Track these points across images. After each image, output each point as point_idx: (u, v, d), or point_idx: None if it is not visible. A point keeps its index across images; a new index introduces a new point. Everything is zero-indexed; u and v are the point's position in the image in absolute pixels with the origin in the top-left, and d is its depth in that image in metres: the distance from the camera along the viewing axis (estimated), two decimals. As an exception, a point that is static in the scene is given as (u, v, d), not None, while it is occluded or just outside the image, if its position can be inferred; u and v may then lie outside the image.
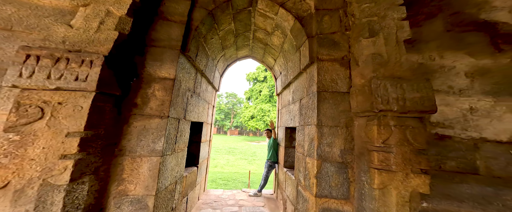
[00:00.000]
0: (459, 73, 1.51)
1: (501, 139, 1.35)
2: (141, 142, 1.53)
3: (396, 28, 1.60)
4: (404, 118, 1.35)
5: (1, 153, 0.98)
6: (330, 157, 1.73)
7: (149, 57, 1.73)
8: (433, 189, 1.41)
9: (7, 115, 1.00)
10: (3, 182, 0.97)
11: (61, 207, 1.07)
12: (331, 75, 1.88)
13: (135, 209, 1.50)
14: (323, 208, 1.71)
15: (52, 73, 1.09)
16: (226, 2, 2.28)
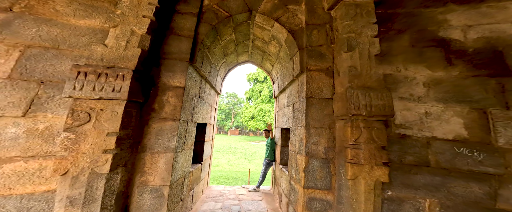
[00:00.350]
0: (419, 83, 1.85)
1: (447, 138, 1.69)
2: (158, 140, 1.89)
3: (369, 44, 1.94)
4: (371, 121, 1.69)
5: (62, 148, 1.35)
6: (316, 154, 2.08)
7: (163, 68, 2.09)
8: (395, 179, 1.75)
9: (65, 118, 1.36)
10: (64, 170, 1.33)
11: (102, 191, 1.43)
12: (317, 84, 2.22)
13: (154, 197, 1.86)
14: (309, 197, 2.05)
15: (96, 86, 1.45)
16: (227, 17, 2.62)
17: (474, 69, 1.77)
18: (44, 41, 1.63)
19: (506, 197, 1.51)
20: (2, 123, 1.40)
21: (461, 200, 1.59)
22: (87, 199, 1.39)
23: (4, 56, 1.49)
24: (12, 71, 1.48)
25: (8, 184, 1.36)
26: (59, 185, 1.35)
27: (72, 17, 1.81)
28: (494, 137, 1.60)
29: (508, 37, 1.77)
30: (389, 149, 1.80)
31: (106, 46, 1.65)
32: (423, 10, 2.13)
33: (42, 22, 1.67)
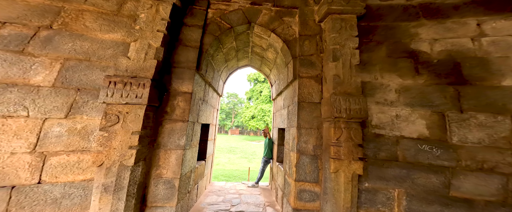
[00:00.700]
0: (392, 90, 2.20)
1: (413, 136, 2.04)
2: (170, 139, 2.25)
3: (351, 55, 2.29)
4: (350, 122, 2.04)
5: (98, 144, 1.70)
6: (306, 151, 2.43)
7: (174, 76, 2.44)
8: (371, 172, 2.10)
9: (100, 120, 1.71)
10: (100, 162, 1.69)
11: (128, 181, 1.79)
12: (308, 89, 2.57)
13: (166, 188, 2.21)
14: (300, 189, 2.40)
15: (123, 93, 1.81)
16: (229, 28, 2.97)
17: (436, 78, 2.11)
18: (78, 54, 1.99)
19: (457, 186, 1.86)
20: (49, 124, 1.76)
21: (422, 189, 1.94)
22: (117, 187, 1.75)
23: (48, 68, 1.85)
24: (55, 80, 1.84)
25: (55, 173, 1.72)
26: (96, 175, 1.71)
27: (99, 32, 2.17)
28: (450, 135, 1.95)
29: (465, 50, 2.11)
30: (366, 146, 2.16)
31: (129, 59, 2.01)
32: (399, 24, 2.48)
33: (76, 38, 2.03)
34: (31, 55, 1.82)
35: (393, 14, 2.56)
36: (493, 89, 1.95)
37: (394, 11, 2.59)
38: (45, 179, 1.68)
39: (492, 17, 2.13)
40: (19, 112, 1.68)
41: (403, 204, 2.03)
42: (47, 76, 1.81)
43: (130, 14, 2.41)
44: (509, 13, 2.08)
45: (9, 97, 1.68)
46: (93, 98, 1.92)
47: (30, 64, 1.80)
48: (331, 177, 2.11)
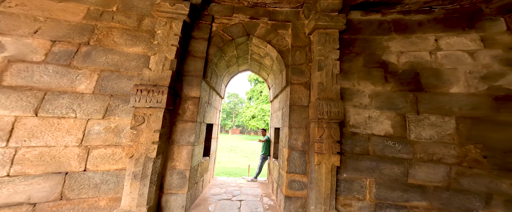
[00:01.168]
0: (366, 95, 2.69)
1: (381, 134, 2.53)
2: (182, 136, 2.75)
3: (333, 65, 2.77)
4: (330, 123, 2.54)
5: (130, 140, 2.21)
6: (296, 147, 2.91)
7: (185, 83, 2.93)
8: (349, 165, 2.60)
9: (129, 120, 2.22)
10: (131, 154, 2.20)
11: (151, 170, 2.30)
12: (298, 95, 3.06)
13: (179, 178, 2.71)
14: (290, 180, 2.89)
15: (147, 99, 2.32)
16: (230, 40, 3.45)
17: (400, 85, 2.60)
18: (110, 66, 2.51)
19: (413, 175, 2.35)
20: (91, 123, 2.27)
21: (388, 178, 2.43)
22: (143, 175, 2.26)
23: (89, 78, 2.36)
24: (94, 88, 2.35)
25: (96, 163, 2.24)
26: (128, 165, 2.22)
27: (124, 46, 2.68)
28: (408, 133, 2.44)
29: (424, 62, 2.60)
30: (345, 143, 2.65)
31: (150, 70, 2.51)
32: (375, 37, 2.96)
33: (108, 52, 2.54)
34: (76, 68, 2.33)
35: (371, 28, 3.05)
36: (443, 95, 2.44)
37: (372, 25, 3.08)
38: (89, 167, 2.19)
39: (447, 34, 2.61)
40: (69, 114, 2.19)
41: (373, 191, 2.53)
42: (88, 85, 2.32)
43: (148, 29, 2.92)
44: (461, 30, 2.56)
45: (61, 102, 2.19)
46: (122, 102, 2.43)
47: (75, 75, 2.31)
48: (315, 169, 2.60)
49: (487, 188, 2.14)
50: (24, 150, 1.98)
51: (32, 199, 1.95)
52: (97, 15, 2.70)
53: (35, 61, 2.21)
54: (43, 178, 2.00)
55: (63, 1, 2.58)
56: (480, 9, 2.56)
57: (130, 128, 2.24)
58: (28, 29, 2.29)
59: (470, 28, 2.58)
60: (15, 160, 1.94)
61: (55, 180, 2.04)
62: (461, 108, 2.34)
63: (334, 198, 2.52)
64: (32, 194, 1.95)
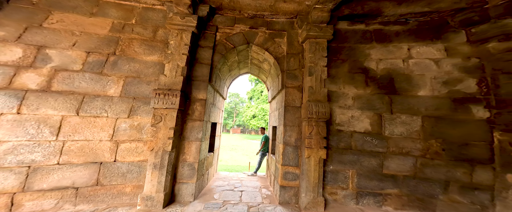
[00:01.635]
0: (349, 97, 3.17)
1: (361, 131, 3.01)
2: (191, 133, 3.26)
3: (321, 71, 3.25)
4: (318, 121, 3.02)
5: (150, 135, 2.72)
6: (290, 142, 3.41)
7: (193, 87, 3.43)
8: (334, 158, 3.09)
9: (149, 119, 2.73)
10: (152, 147, 2.71)
11: (167, 162, 2.80)
12: (292, 97, 3.54)
13: (189, 169, 3.22)
14: (285, 172, 3.38)
15: (164, 101, 2.83)
16: (232, 48, 3.95)
17: (378, 89, 3.07)
18: (133, 73, 3.02)
19: (387, 166, 2.83)
20: (119, 121, 2.79)
21: (366, 169, 2.91)
22: (161, 165, 2.77)
23: (117, 83, 2.88)
24: (121, 92, 2.87)
25: (123, 155, 2.75)
26: (149, 157, 2.74)
27: (143, 55, 3.19)
28: (383, 130, 2.92)
29: (398, 69, 3.08)
30: (331, 139, 3.14)
31: (166, 76, 3.02)
32: (358, 45, 3.44)
33: (130, 60, 3.06)
34: (106, 75, 2.85)
35: (355, 37, 3.53)
36: (412, 97, 2.91)
37: (356, 34, 3.55)
38: (118, 158, 2.72)
39: (418, 43, 3.09)
40: (102, 114, 2.71)
41: (355, 181, 3.02)
42: (116, 90, 2.84)
43: (162, 39, 3.42)
44: (429, 40, 3.03)
45: (96, 104, 2.71)
46: (142, 104, 2.95)
47: (106, 82, 2.84)
48: (306, 161, 3.09)
49: (445, 176, 2.62)
50: (70, 143, 2.50)
51: (76, 184, 2.48)
52: (120, 28, 3.22)
53: (75, 70, 2.73)
54: (84, 166, 2.53)
55: (93, 16, 3.10)
56: (446, 21, 3.02)
57: (151, 125, 2.75)
58: (68, 42, 2.81)
59: (437, 39, 3.05)
60: (63, 151, 2.46)
61: (93, 169, 2.57)
62: (427, 108, 2.82)
63: (321, 187, 3.01)
64: (76, 180, 2.47)
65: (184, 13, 3.36)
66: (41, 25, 2.80)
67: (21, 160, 2.30)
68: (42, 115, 2.48)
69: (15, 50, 2.58)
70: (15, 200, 2.21)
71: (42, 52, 2.67)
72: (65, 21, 2.90)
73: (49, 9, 2.90)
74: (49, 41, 2.75)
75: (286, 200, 3.24)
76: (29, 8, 2.83)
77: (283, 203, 3.24)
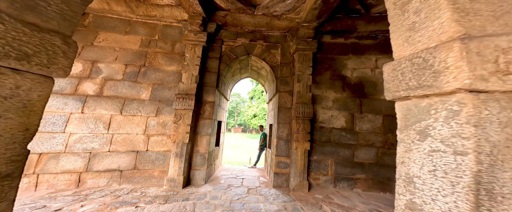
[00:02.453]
0: (330, 100, 4.05)
1: (338, 127, 3.89)
2: (203, 129, 4.17)
3: (307, 79, 4.13)
4: (304, 120, 3.91)
5: (173, 130, 3.63)
6: (282, 137, 4.30)
7: (204, 92, 4.34)
8: (318, 150, 3.97)
9: (172, 117, 3.65)
10: (174, 140, 3.63)
11: (185, 152, 3.71)
12: (284, 99, 4.43)
13: (201, 158, 4.13)
14: (278, 161, 4.27)
15: (183, 103, 3.74)
16: (235, 58, 4.84)
17: (352, 93, 3.94)
18: (158, 80, 3.94)
19: (357, 155, 3.71)
20: (149, 119, 3.71)
21: (342, 159, 3.79)
22: (180, 154, 3.68)
23: (147, 89, 3.80)
24: (150, 96, 3.79)
25: (152, 146, 3.68)
26: (172, 147, 3.65)
27: (165, 66, 4.10)
28: (355, 126, 3.79)
29: (367, 77, 3.95)
30: (315, 134, 4.02)
31: (183, 83, 3.93)
32: (338, 56, 4.30)
33: (156, 70, 3.98)
34: (139, 83, 3.77)
35: (336, 49, 4.39)
36: (377, 100, 3.78)
37: (337, 47, 4.41)
38: (149, 148, 3.64)
39: (383, 56, 3.95)
40: (138, 113, 3.64)
41: (333, 168, 3.90)
42: (146, 94, 3.77)
43: (179, 52, 4.32)
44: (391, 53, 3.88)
45: (133, 106, 3.64)
46: (166, 105, 3.86)
47: (139, 88, 3.76)
48: (294, 152, 3.98)
49: (400, 161, 3.49)
50: (116, 135, 3.42)
51: (120, 167, 3.41)
52: (147, 43, 4.13)
53: (118, 79, 3.67)
54: (126, 154, 3.46)
55: (127, 34, 4.02)
56: None
57: (173, 122, 3.67)
58: (111, 57, 3.74)
59: None
60: (112, 142, 3.39)
61: (132, 156, 3.50)
62: (386, 109, 3.69)
63: (307, 173, 3.90)
64: (120, 164, 3.41)
65: (196, 30, 4.25)
66: (92, 44, 3.74)
67: (85, 147, 3.25)
68: (98, 114, 3.42)
69: (77, 65, 3.53)
70: (81, 178, 3.16)
71: (95, 65, 3.63)
72: (108, 40, 3.84)
73: (96, 30, 3.83)
74: (99, 56, 3.69)
75: (279, 184, 4.14)
76: (83, 30, 3.77)
77: (276, 186, 4.13)
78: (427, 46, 1.07)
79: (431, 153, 0.94)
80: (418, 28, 1.11)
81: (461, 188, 0.79)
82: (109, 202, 2.82)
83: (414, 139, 1.04)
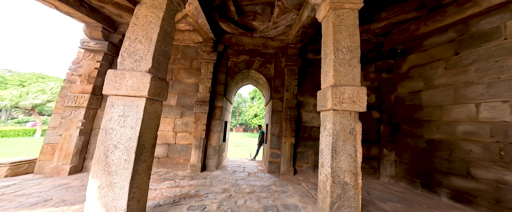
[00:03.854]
0: (311, 105, 5.43)
1: (317, 126, 5.27)
2: (214, 127, 5.59)
3: (293, 89, 5.53)
4: (291, 120, 5.30)
5: (193, 129, 5.04)
6: (274, 134, 5.70)
7: (215, 99, 5.74)
8: (301, 143, 5.37)
9: (192, 118, 5.03)
10: (194, 136, 5.04)
11: (202, 144, 5.13)
12: (276, 105, 5.83)
13: (213, 150, 5.55)
14: (271, 152, 5.68)
15: (200, 108, 5.14)
16: (238, 71, 6.25)
17: None
18: (181, 90, 5.36)
19: (329, 144, 5.09)
20: (176, 120, 5.13)
21: (318, 150, 5.17)
22: (198, 146, 5.10)
23: (174, 97, 5.23)
24: (176, 103, 5.21)
25: (179, 140, 5.10)
26: (193, 141, 5.07)
27: (186, 79, 5.52)
28: None
29: None
30: (300, 131, 5.42)
31: (200, 93, 5.35)
32: (317, 70, 5.68)
33: (179, 83, 5.40)
34: (169, 92, 5.19)
35: (316, 64, 5.77)
36: None
37: (317, 62, 5.80)
38: (176, 142, 5.06)
39: None
40: (169, 115, 5.06)
41: (312, 158, 5.29)
42: (174, 101, 5.19)
43: (196, 67, 5.73)
44: (362, 71, 5.26)
45: (165, 110, 5.06)
46: (187, 110, 5.28)
47: (169, 96, 5.18)
48: (283, 145, 5.39)
49: (359, 150, 4.92)
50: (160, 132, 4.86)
51: (158, 155, 4.84)
52: (172, 61, 5.54)
53: None
54: (161, 146, 4.88)
55: None
56: (367, 55, 5.24)
57: (193, 122, 5.08)
58: None
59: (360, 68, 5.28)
60: (151, 136, 4.83)
61: (165, 147, 4.92)
62: (350, 113, 5.09)
63: (293, 161, 5.30)
64: (158, 153, 4.84)
65: (209, 51, 5.65)
66: None
67: None
68: None
69: None
70: None
71: None
72: None
73: None
74: None
75: (272, 170, 5.53)
76: None
77: (270, 172, 5.53)
78: (325, 86, 2.51)
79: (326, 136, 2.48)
80: (324, 77, 2.56)
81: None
82: (156, 178, 4.25)
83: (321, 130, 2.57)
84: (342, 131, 2.35)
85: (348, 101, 2.34)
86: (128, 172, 2.03)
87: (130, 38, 2.36)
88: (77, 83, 4.47)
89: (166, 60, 2.62)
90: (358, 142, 2.35)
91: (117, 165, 2.03)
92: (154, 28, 2.39)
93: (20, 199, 2.96)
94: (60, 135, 4.25)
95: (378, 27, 4.99)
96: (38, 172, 4.23)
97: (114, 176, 2.01)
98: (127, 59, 2.28)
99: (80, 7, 3.88)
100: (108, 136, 2.08)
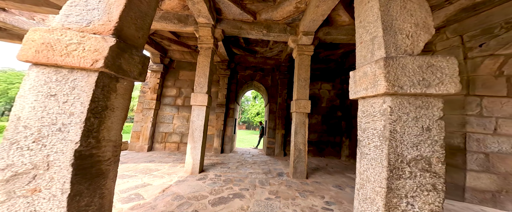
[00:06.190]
0: (296, 108, 7.99)
1: None
2: (229, 122, 8.18)
3: (284, 95, 8.09)
4: (282, 117, 7.86)
5: (215, 123, 7.62)
6: (271, 127, 8.28)
7: (229, 103, 8.33)
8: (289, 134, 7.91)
9: (214, 116, 7.61)
10: (216, 129, 7.63)
11: (221, 134, 7.75)
12: (272, 107, 8.39)
13: (228, 139, 8.16)
14: (268, 141, 8.27)
15: (219, 109, 7.74)
16: (245, 82, 8.83)
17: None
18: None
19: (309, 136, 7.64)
20: (203, 118, 7.74)
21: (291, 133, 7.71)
22: (219, 136, 7.70)
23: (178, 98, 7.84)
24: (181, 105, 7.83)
25: (205, 130, 7.73)
26: (215, 132, 7.68)
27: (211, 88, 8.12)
28: (309, 120, 7.71)
29: (316, 94, 7.84)
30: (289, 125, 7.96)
31: (219, 98, 7.96)
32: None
33: None
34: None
35: None
36: (320, 107, 7.67)
37: None
38: (203, 131, 7.68)
39: (323, 82, 7.82)
40: (198, 115, 7.67)
41: None
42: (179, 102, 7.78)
43: (215, 79, 8.31)
44: (328, 80, 7.73)
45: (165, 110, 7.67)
46: (211, 110, 7.85)
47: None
48: (277, 135, 7.97)
49: (327, 140, 7.43)
50: (190, 125, 7.45)
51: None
52: None
53: (189, 97, 7.68)
54: (194, 133, 7.50)
55: (191, 71, 8.02)
56: (336, 69, 7.75)
57: (215, 119, 7.68)
58: (186, 85, 7.76)
59: (330, 81, 7.78)
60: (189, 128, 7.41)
61: (196, 135, 7.55)
62: (323, 112, 7.56)
63: (283, 146, 7.87)
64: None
65: (224, 68, 8.21)
66: (178, 78, 7.73)
67: (180, 130, 7.28)
68: (183, 114, 7.42)
69: (173, 90, 7.53)
70: (179, 146, 7.20)
71: (180, 90, 7.62)
72: (183, 75, 7.84)
73: (178, 70, 7.81)
74: (181, 85, 7.71)
75: (269, 153, 8.13)
76: (173, 70, 7.75)
77: (267, 154, 8.13)
78: (293, 99, 5.14)
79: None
80: (293, 93, 5.18)
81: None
82: (194, 153, 6.86)
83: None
84: (299, 122, 4.89)
85: (302, 108, 4.88)
86: (201, 141, 4.62)
87: (197, 75, 4.92)
88: (148, 93, 7.12)
89: (211, 85, 5.17)
90: (306, 128, 4.90)
91: (197, 137, 4.63)
92: (206, 68, 4.94)
93: (138, 158, 5.61)
94: (142, 126, 6.91)
95: (340, 52, 7.48)
96: (129, 149, 6.88)
97: (196, 143, 4.60)
98: (197, 87, 4.85)
99: (151, 44, 6.49)
100: (193, 124, 4.68)
